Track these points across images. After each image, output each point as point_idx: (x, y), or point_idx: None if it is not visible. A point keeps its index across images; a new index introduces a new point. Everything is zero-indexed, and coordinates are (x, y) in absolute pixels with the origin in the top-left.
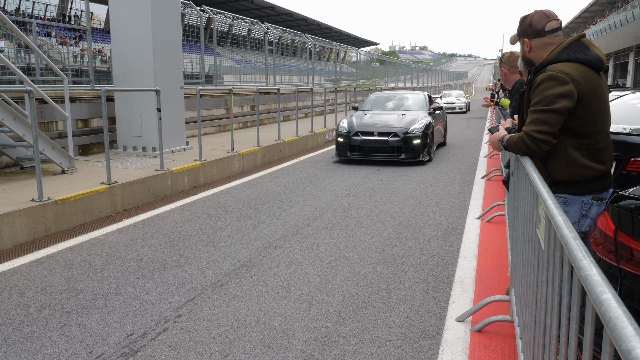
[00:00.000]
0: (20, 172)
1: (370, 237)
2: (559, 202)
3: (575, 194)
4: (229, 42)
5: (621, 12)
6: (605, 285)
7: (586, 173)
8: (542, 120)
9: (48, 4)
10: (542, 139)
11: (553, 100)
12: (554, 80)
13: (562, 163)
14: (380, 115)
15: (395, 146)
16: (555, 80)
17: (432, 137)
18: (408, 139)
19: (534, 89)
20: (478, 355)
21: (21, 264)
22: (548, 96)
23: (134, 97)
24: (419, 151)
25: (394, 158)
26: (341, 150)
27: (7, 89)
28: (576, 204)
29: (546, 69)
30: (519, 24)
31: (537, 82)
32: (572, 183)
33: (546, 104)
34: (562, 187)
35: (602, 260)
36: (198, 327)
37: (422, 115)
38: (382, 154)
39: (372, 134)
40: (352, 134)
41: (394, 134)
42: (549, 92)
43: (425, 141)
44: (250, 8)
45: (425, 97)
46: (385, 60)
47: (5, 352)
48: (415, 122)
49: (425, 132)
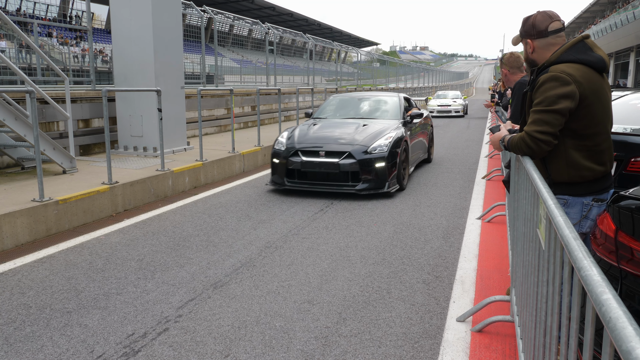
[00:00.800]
0: (21, 172)
1: (370, 237)
2: (559, 203)
3: (575, 195)
4: (230, 43)
5: (622, 12)
6: (605, 286)
7: (586, 174)
8: (543, 121)
9: (49, 5)
10: (543, 139)
11: (555, 100)
12: (556, 80)
13: (562, 164)
14: (334, 127)
15: (348, 172)
16: (557, 81)
17: (406, 157)
18: (367, 161)
19: (537, 89)
20: (479, 355)
21: (22, 263)
22: (550, 96)
23: (134, 97)
24: (382, 178)
25: (346, 189)
26: (276, 176)
27: (8, 89)
28: (576, 206)
29: (549, 70)
30: (522, 25)
31: (540, 82)
32: (572, 184)
33: (548, 105)
34: (562, 188)
35: (603, 261)
36: (199, 327)
37: (393, 125)
38: (329, 183)
39: (317, 154)
40: (291, 152)
41: (347, 154)
42: (551, 93)
43: (394, 162)
44: (251, 8)
45: (400, 101)
46: (386, 60)
47: (7, 352)
48: (379, 137)
49: (393, 150)
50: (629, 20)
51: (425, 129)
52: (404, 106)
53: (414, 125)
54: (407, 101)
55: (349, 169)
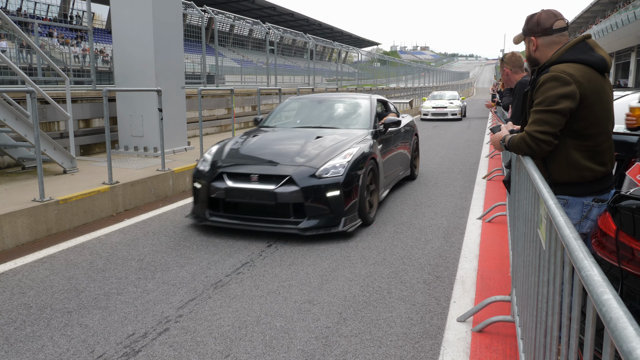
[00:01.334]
0: (22, 172)
1: (371, 237)
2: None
3: (575, 195)
4: (231, 42)
5: (623, 12)
6: (606, 286)
7: (587, 174)
8: (543, 121)
9: (50, 5)
10: (544, 139)
11: (555, 100)
12: (556, 80)
13: (562, 164)
14: (278, 141)
15: (288, 203)
16: (558, 81)
17: (374, 179)
18: (315, 188)
19: (537, 89)
20: (479, 356)
21: (23, 263)
22: (550, 96)
23: (135, 97)
24: (337, 211)
25: (286, 227)
26: (198, 207)
27: (9, 89)
28: (577, 206)
29: (549, 70)
30: (525, 23)
31: (540, 82)
32: (573, 184)
33: (548, 105)
34: (562, 189)
35: (603, 261)
36: (199, 327)
37: (359, 137)
38: (264, 219)
39: (247, 178)
40: (214, 175)
41: (287, 180)
42: (551, 93)
43: (352, 189)
44: (251, 8)
45: (371, 105)
46: (386, 60)
47: (7, 351)
48: (335, 154)
49: (353, 172)
50: (629, 20)
51: (406, 139)
52: (376, 111)
53: (389, 136)
54: (383, 105)
55: (289, 199)
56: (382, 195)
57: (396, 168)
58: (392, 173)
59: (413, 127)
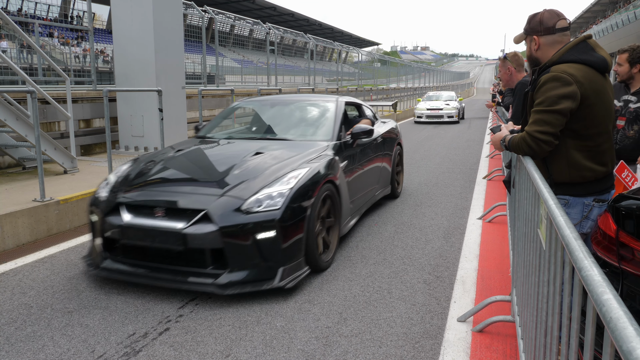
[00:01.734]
0: (22, 172)
1: (371, 237)
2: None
3: (576, 196)
4: (231, 43)
5: (623, 12)
6: (606, 286)
7: (587, 174)
8: (544, 121)
9: (50, 5)
10: (544, 139)
11: (556, 100)
12: (557, 80)
13: (563, 164)
14: (205, 158)
15: (202, 249)
16: (558, 81)
17: (334, 209)
18: (240, 228)
19: (538, 89)
20: (479, 356)
21: (23, 263)
22: (551, 97)
23: (135, 97)
24: (272, 259)
25: (198, 284)
26: (92, 248)
27: (9, 89)
28: (577, 206)
29: (550, 70)
30: (528, 22)
31: (541, 82)
32: (573, 184)
33: (549, 105)
34: (563, 189)
35: (604, 261)
36: (200, 326)
37: (315, 152)
38: (170, 269)
39: (151, 212)
40: (110, 206)
41: (202, 215)
42: (552, 93)
43: (300, 224)
44: (252, 8)
45: (337, 110)
46: (386, 60)
47: (8, 351)
48: (274, 178)
49: (296, 204)
50: (630, 20)
51: (386, 150)
52: (342, 118)
53: (359, 148)
54: (356, 109)
55: (203, 243)
56: (348, 226)
57: (370, 187)
58: (363, 195)
59: (395, 135)
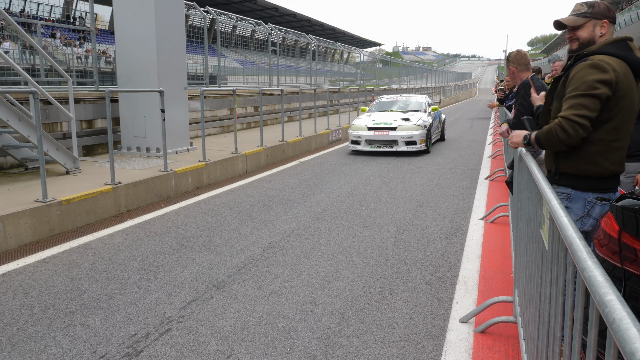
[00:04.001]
0: (24, 172)
1: (373, 237)
2: (561, 198)
3: (578, 189)
4: (233, 43)
5: (626, 12)
6: (609, 287)
7: (593, 170)
8: (581, 105)
9: (53, 6)
10: (582, 123)
11: (593, 85)
12: (595, 67)
13: (573, 154)
14: None
15: None
16: (596, 68)
17: None
18: None
19: (573, 76)
20: (481, 356)
21: (25, 264)
22: (588, 81)
23: (138, 98)
24: None
25: None
26: None
27: (12, 90)
28: (579, 201)
29: (588, 58)
30: (591, 6)
31: (578, 69)
32: (577, 177)
33: (586, 89)
34: (566, 179)
35: (606, 262)
36: (201, 327)
37: None
38: None
39: None
40: None
41: None
42: (589, 78)
43: None
44: (253, 9)
45: None
46: (388, 61)
47: (10, 352)
48: None
49: None
50: (632, 21)
51: None
52: None
53: None
54: None
55: None
56: None
57: None
58: None
59: None
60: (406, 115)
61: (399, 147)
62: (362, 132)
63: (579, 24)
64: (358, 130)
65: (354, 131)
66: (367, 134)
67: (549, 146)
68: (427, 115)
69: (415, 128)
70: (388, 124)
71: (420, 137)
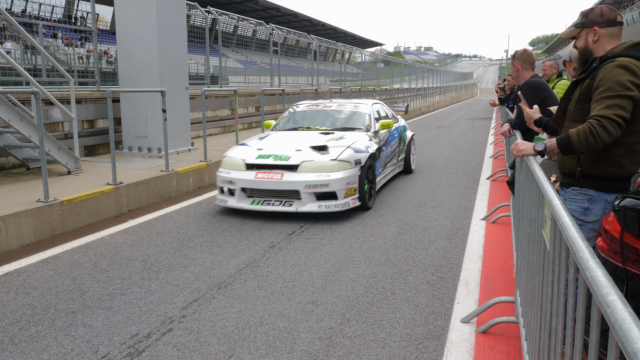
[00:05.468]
0: (26, 172)
1: (374, 237)
2: (582, 199)
3: (601, 191)
4: (234, 43)
5: (628, 12)
6: (611, 287)
7: (617, 171)
8: (617, 105)
9: (54, 6)
10: (620, 123)
11: (628, 86)
12: (626, 69)
13: (598, 156)
14: None
15: None
16: (627, 69)
17: None
18: None
19: (603, 77)
20: (483, 357)
21: (27, 264)
22: (622, 82)
23: (139, 98)
24: None
25: None
26: None
27: (13, 90)
28: (600, 202)
29: (615, 60)
30: (585, 15)
31: (607, 70)
32: (601, 178)
33: (621, 90)
34: (590, 182)
35: (608, 262)
36: (203, 327)
37: None
38: None
39: None
40: None
41: None
42: (622, 78)
43: None
44: (255, 9)
45: None
46: (390, 61)
47: (12, 351)
48: None
49: None
50: (634, 20)
51: None
52: None
53: None
54: None
55: None
56: None
57: None
58: None
59: None
60: (327, 138)
61: (302, 206)
62: (235, 173)
63: (574, 35)
64: (230, 169)
65: (224, 170)
66: (243, 176)
67: (582, 148)
68: (370, 139)
69: (336, 166)
70: (283, 158)
71: (346, 185)
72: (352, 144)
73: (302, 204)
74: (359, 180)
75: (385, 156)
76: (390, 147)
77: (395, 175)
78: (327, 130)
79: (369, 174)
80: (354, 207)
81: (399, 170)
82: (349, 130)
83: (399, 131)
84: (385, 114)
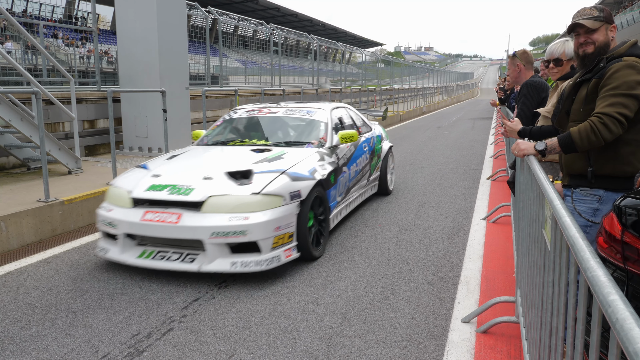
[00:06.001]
0: (27, 172)
1: (375, 237)
2: (592, 200)
3: (611, 190)
4: (235, 43)
5: (628, 12)
6: (612, 287)
7: (628, 170)
8: (621, 104)
9: (55, 6)
10: (622, 121)
11: (634, 86)
12: (633, 68)
13: (609, 156)
14: None
15: None
16: (634, 69)
17: None
18: None
19: (610, 75)
20: (483, 357)
21: (28, 264)
22: (629, 81)
23: (140, 98)
24: None
25: None
26: None
27: (14, 90)
28: (609, 202)
29: (622, 59)
30: (602, 10)
31: (615, 69)
32: (612, 178)
33: (627, 89)
34: (601, 182)
35: (609, 262)
36: (203, 327)
37: None
38: None
39: None
40: None
41: None
42: (630, 78)
43: None
44: (255, 9)
45: None
46: (390, 60)
47: (12, 351)
48: None
49: None
50: (635, 20)
51: None
52: None
53: None
54: None
55: None
56: None
57: None
58: None
59: None
60: (257, 159)
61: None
62: (117, 212)
63: (597, 27)
64: (113, 205)
65: (106, 206)
66: (127, 216)
67: (584, 145)
68: (321, 158)
69: (258, 203)
70: (182, 191)
71: (274, 231)
72: (289, 168)
73: (207, 260)
74: (298, 221)
75: (348, 178)
76: (356, 166)
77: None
78: (265, 145)
79: (318, 209)
80: (288, 261)
81: (372, 193)
82: (296, 146)
83: (370, 143)
84: (350, 121)
